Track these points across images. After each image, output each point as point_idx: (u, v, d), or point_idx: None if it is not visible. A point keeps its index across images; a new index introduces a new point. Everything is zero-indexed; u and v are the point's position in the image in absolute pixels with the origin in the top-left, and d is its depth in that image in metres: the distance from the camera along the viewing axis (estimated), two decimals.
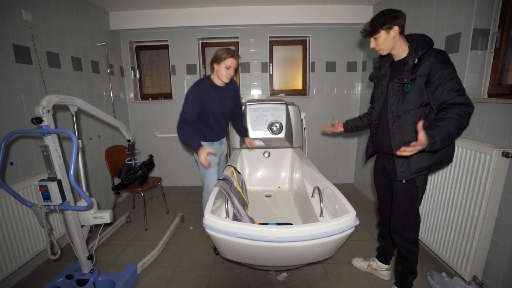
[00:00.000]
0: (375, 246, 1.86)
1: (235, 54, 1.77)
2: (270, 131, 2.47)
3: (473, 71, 1.68)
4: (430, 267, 1.82)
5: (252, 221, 1.75)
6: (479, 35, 1.64)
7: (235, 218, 1.67)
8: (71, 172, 1.30)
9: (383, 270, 1.77)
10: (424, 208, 1.92)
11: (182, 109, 1.80)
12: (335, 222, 1.19)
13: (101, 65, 2.77)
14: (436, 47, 1.29)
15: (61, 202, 1.44)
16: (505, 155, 1.39)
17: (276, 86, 3.42)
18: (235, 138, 2.67)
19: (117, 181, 2.41)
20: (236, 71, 1.90)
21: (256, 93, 3.33)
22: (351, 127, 1.78)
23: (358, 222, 1.24)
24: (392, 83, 1.37)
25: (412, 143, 1.13)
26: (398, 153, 1.18)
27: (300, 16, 2.95)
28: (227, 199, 1.61)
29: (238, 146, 2.67)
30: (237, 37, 3.20)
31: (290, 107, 2.50)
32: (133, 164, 2.35)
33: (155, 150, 3.40)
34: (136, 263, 1.81)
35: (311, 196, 1.82)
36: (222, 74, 1.79)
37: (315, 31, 3.16)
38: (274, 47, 3.31)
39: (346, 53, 3.21)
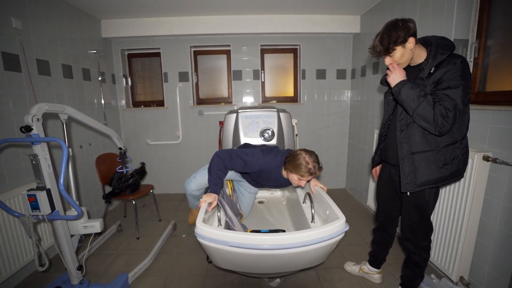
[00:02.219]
0: (366, 250, 1.89)
1: (317, 172, 1.52)
2: (262, 138, 2.50)
3: None
4: None
5: (245, 229, 1.76)
6: (459, 44, 1.72)
7: (228, 226, 1.67)
8: (61, 181, 1.29)
9: (375, 274, 1.79)
10: None
11: (236, 158, 1.59)
12: (325, 228, 1.21)
13: (92, 72, 2.76)
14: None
15: (50, 211, 1.42)
16: (486, 159, 1.45)
17: (268, 93, 3.46)
18: (228, 145, 2.69)
19: (108, 189, 2.39)
20: None
21: (248, 100, 3.37)
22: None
23: (347, 228, 1.27)
24: None
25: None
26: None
27: (291, 25, 3.02)
28: (219, 207, 1.61)
29: None
30: (229, 45, 3.25)
31: (281, 114, 2.54)
32: (125, 172, 2.34)
33: (147, 157, 3.39)
34: (128, 272, 1.78)
35: (303, 203, 1.85)
36: (293, 182, 1.61)
37: (306, 40, 3.24)
38: (266, 55, 3.37)
39: (335, 61, 3.30)
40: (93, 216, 2.70)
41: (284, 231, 1.89)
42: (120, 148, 2.21)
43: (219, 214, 1.59)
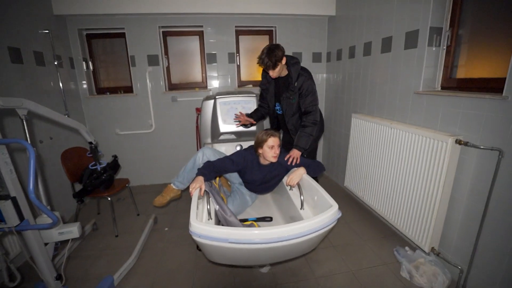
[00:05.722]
0: (348, 228, 1.99)
1: (274, 133, 1.80)
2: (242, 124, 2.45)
3: (429, 66, 1.85)
4: (395, 243, 2.03)
5: (234, 215, 1.73)
6: (434, 32, 1.79)
7: (217, 217, 1.64)
8: (31, 187, 1.15)
9: None
10: (389, 190, 2.09)
11: (224, 159, 1.84)
12: (321, 217, 1.25)
13: (46, 56, 2.41)
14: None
15: (19, 222, 1.26)
16: (458, 142, 1.57)
17: (244, 77, 3.36)
18: (206, 132, 2.60)
19: (78, 187, 2.19)
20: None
21: (223, 84, 3.25)
22: (257, 118, 2.35)
23: (340, 215, 1.32)
24: (283, 97, 2.04)
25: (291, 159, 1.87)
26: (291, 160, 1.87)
27: (266, 6, 2.89)
28: (208, 200, 1.57)
29: (209, 141, 2.60)
30: (202, 26, 3.04)
31: None
32: (98, 168, 2.15)
33: (118, 149, 3.14)
34: (112, 274, 1.69)
35: (290, 190, 1.87)
36: (268, 155, 1.79)
37: (281, 22, 3.14)
38: (241, 37, 3.22)
39: (311, 44, 3.27)
40: (62, 216, 2.48)
41: (271, 217, 1.92)
42: (91, 143, 2.01)
43: (208, 207, 1.54)
